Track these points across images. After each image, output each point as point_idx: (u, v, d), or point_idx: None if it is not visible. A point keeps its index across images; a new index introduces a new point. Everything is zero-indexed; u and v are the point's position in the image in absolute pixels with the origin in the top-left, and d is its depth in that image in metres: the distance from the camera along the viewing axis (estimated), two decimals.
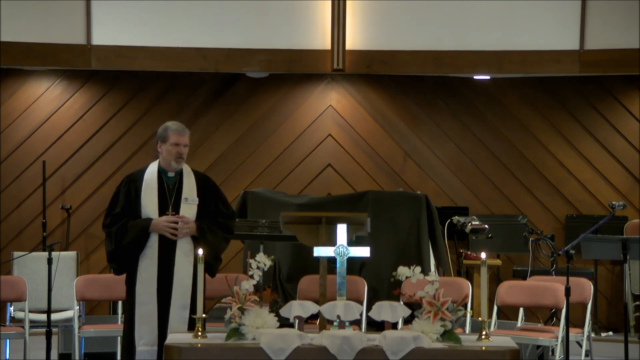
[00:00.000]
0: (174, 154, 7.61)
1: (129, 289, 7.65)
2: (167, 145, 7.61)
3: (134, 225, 7.57)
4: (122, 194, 7.66)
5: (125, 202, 7.63)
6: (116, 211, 7.64)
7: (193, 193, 7.69)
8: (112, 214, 7.65)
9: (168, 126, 7.68)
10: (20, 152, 12.36)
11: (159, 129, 7.70)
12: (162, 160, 7.69)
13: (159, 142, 7.66)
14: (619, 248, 9.31)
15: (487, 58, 11.78)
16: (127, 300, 7.66)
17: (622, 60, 11.55)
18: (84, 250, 12.30)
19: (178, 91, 12.53)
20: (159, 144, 7.66)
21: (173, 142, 7.59)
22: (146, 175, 7.67)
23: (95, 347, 9.70)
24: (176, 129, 7.63)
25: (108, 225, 7.64)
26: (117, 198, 7.68)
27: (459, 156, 12.58)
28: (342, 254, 7.19)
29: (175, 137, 7.60)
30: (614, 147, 12.48)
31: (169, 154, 7.62)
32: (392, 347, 6.62)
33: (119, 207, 7.64)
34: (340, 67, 11.69)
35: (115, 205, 7.66)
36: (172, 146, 7.59)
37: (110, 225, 7.63)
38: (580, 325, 9.05)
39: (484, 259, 7.07)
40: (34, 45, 11.51)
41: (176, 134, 7.61)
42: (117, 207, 7.65)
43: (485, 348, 6.70)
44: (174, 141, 7.59)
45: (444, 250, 10.23)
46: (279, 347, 6.59)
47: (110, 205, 7.71)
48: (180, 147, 7.60)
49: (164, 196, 7.65)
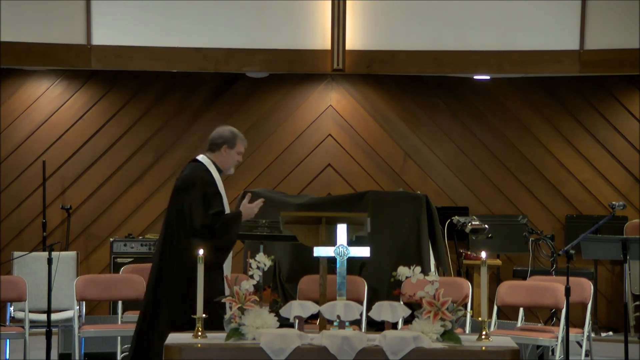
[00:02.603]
0: (236, 161, 8.02)
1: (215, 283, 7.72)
2: (233, 151, 7.98)
3: (234, 217, 7.90)
4: (213, 195, 7.86)
5: (220, 201, 7.88)
6: (216, 210, 7.84)
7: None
8: (209, 214, 7.83)
9: (236, 134, 8.03)
10: (20, 152, 12.36)
11: (224, 132, 8.01)
12: (219, 162, 7.99)
13: (225, 145, 7.97)
14: (619, 248, 9.31)
15: (487, 58, 11.78)
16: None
17: (622, 60, 11.55)
18: (84, 250, 12.30)
19: (178, 91, 12.53)
20: (225, 148, 7.97)
21: (240, 151, 8.01)
22: (215, 178, 7.95)
23: (95, 347, 9.70)
24: (243, 139, 8.05)
25: (213, 222, 7.82)
26: (210, 200, 7.85)
27: (459, 156, 12.58)
28: (342, 254, 7.19)
29: (242, 147, 8.03)
30: (614, 147, 12.48)
31: (232, 160, 8.00)
32: (392, 347, 6.61)
33: (218, 207, 7.85)
34: (340, 67, 11.69)
35: (211, 207, 7.84)
36: (237, 154, 8.00)
37: (214, 222, 7.82)
38: (580, 325, 9.05)
39: (484, 259, 7.07)
40: (34, 45, 11.51)
41: (242, 144, 8.03)
42: (214, 207, 7.84)
43: (485, 348, 6.70)
44: (241, 150, 8.02)
45: (444, 250, 10.23)
46: (279, 347, 6.59)
47: (206, 206, 7.85)
48: (241, 156, 8.06)
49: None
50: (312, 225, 7.50)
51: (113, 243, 11.47)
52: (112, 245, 11.46)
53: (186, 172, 8.05)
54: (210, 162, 8.01)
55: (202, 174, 7.96)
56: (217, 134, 8.06)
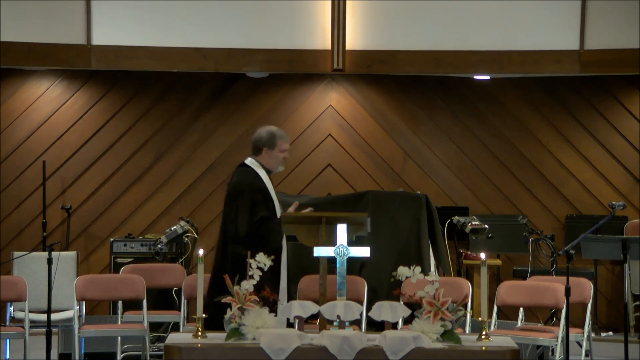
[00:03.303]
0: (281, 159, 8.13)
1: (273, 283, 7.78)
2: (275, 151, 8.10)
3: (275, 224, 7.96)
4: (259, 201, 7.97)
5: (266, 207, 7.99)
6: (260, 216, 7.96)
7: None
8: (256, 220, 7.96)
9: (274, 133, 8.13)
10: (20, 152, 12.35)
11: (262, 134, 8.13)
12: (265, 163, 8.11)
13: (265, 147, 8.08)
14: (619, 248, 9.32)
15: (487, 58, 11.78)
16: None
17: (622, 60, 11.54)
18: (84, 250, 12.30)
19: (178, 91, 12.52)
20: (266, 150, 8.08)
21: (282, 149, 8.11)
22: (264, 180, 8.07)
23: (95, 347, 9.70)
24: (282, 136, 8.15)
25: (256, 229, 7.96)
26: (256, 208, 7.96)
27: (459, 156, 12.58)
28: (342, 254, 7.19)
29: (283, 144, 8.13)
30: (614, 147, 12.48)
31: (276, 159, 8.12)
32: (392, 347, 6.62)
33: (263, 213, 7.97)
34: (340, 67, 11.68)
35: (256, 214, 7.96)
36: (280, 152, 8.10)
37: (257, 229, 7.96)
38: (580, 325, 9.05)
39: (484, 259, 7.08)
40: (34, 45, 11.51)
41: (283, 141, 8.14)
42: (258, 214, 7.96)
43: (485, 348, 6.71)
44: (283, 148, 8.12)
45: (444, 250, 10.22)
46: (279, 347, 6.60)
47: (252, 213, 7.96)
48: (286, 152, 8.15)
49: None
50: (312, 225, 7.51)
51: (113, 243, 11.47)
52: (112, 245, 11.46)
53: (235, 179, 8.15)
54: (258, 164, 8.10)
55: (250, 179, 8.07)
56: (256, 137, 8.20)
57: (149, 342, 9.31)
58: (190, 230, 10.96)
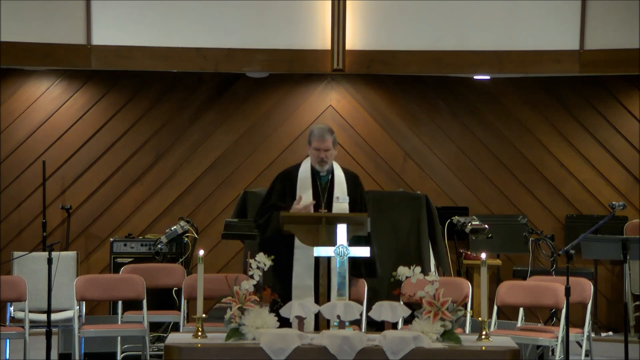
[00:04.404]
0: (315, 157, 7.99)
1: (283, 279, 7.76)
2: (310, 148, 8.02)
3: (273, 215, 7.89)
4: (275, 191, 8.01)
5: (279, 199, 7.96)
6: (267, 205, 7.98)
7: (344, 192, 8.02)
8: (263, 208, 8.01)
9: (311, 130, 8.08)
10: (20, 152, 12.36)
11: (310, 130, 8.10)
12: (310, 159, 8.09)
13: (308, 144, 8.07)
14: (619, 248, 9.32)
15: (487, 58, 11.78)
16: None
17: (622, 60, 11.54)
18: (84, 250, 12.30)
19: (178, 91, 12.53)
20: (308, 146, 8.07)
21: (314, 147, 7.98)
22: (300, 173, 8.03)
23: (95, 347, 9.70)
24: (317, 134, 7.99)
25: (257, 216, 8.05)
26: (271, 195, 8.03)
27: (459, 156, 12.58)
28: (342, 254, 7.19)
29: (315, 143, 7.97)
30: (614, 147, 12.48)
31: (312, 156, 8.02)
32: (392, 347, 6.62)
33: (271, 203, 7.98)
34: (340, 67, 11.68)
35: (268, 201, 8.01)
36: (313, 150, 7.99)
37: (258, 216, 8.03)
38: (580, 325, 9.05)
39: (484, 259, 7.08)
40: (34, 45, 11.51)
41: (316, 139, 7.97)
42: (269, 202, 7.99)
43: (485, 348, 6.71)
44: (315, 146, 7.97)
45: (444, 250, 10.23)
46: (279, 347, 6.60)
47: (264, 201, 8.07)
48: (320, 152, 7.96)
49: (317, 194, 7.99)
50: (312, 225, 7.51)
51: (113, 243, 11.47)
52: (112, 245, 11.46)
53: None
54: (308, 161, 8.14)
55: (290, 168, 8.18)
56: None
57: (149, 342, 9.30)
58: (190, 230, 10.96)
